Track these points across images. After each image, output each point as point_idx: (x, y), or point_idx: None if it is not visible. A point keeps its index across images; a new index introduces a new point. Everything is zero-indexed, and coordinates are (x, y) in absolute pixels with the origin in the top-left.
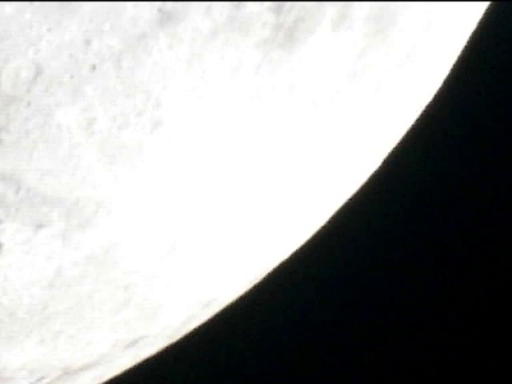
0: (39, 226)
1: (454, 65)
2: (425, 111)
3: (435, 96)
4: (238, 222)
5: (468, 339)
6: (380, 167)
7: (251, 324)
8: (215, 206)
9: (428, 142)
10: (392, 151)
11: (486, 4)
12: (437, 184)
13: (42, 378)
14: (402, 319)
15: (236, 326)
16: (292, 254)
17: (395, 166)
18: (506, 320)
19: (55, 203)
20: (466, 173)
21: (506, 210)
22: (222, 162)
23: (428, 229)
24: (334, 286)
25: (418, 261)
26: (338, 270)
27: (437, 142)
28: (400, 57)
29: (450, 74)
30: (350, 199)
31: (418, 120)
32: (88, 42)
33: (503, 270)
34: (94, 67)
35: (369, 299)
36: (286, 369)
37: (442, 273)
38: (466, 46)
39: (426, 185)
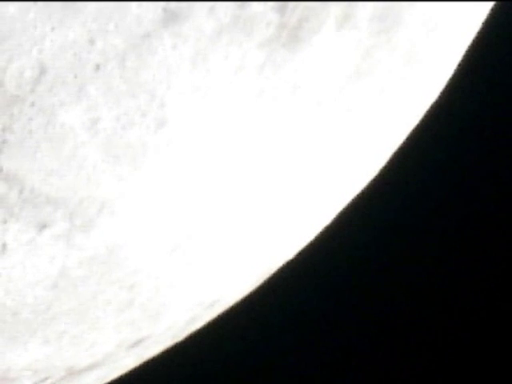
0: (43, 227)
1: (458, 65)
2: (429, 111)
3: (439, 96)
4: (242, 222)
5: (471, 341)
6: (384, 167)
7: (255, 324)
8: (219, 206)
9: (432, 142)
10: (396, 151)
11: (491, 4)
12: (441, 183)
13: (46, 378)
14: (408, 319)
15: (240, 327)
16: (296, 254)
17: (399, 166)
18: (508, 321)
19: (59, 203)
20: (471, 172)
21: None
22: (225, 162)
23: (433, 229)
24: (338, 286)
25: (424, 260)
26: (343, 269)
27: (441, 142)
28: (404, 57)
29: (454, 74)
30: (355, 199)
31: (422, 120)
32: (92, 42)
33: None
34: (97, 67)
35: (374, 299)
36: (290, 369)
37: (446, 274)
38: (470, 46)
39: (431, 184)
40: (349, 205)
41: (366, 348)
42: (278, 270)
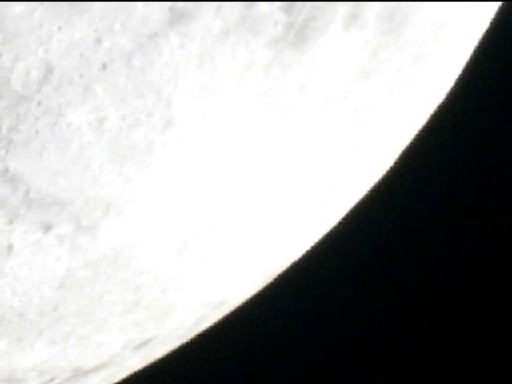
0: (49, 227)
1: (466, 64)
2: (437, 111)
3: (447, 96)
4: (249, 223)
5: (474, 346)
6: (392, 167)
7: (262, 325)
8: (226, 206)
9: (439, 142)
10: (404, 151)
11: (498, 4)
12: (448, 184)
13: (52, 379)
14: (415, 320)
15: (247, 327)
16: (303, 255)
17: (406, 166)
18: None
19: (65, 204)
20: (479, 173)
21: None
22: (232, 162)
23: (441, 230)
24: (346, 286)
25: (429, 261)
26: (350, 270)
27: (449, 142)
28: (412, 56)
29: (461, 74)
30: (362, 199)
31: (429, 120)
32: (98, 41)
33: None
34: (104, 66)
35: (383, 298)
36: (297, 368)
37: (450, 278)
38: (478, 46)
39: (438, 185)
40: (356, 205)
41: (373, 347)
42: (285, 270)
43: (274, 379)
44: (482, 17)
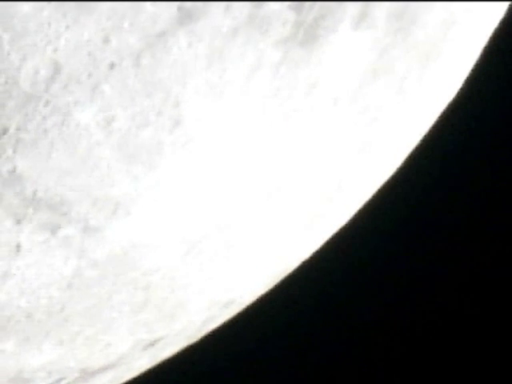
0: (57, 227)
1: (475, 64)
2: (446, 110)
3: (456, 95)
4: (258, 222)
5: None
6: (401, 166)
7: (271, 325)
8: (234, 206)
9: (449, 142)
10: (413, 150)
11: (508, 3)
12: (457, 184)
13: (61, 379)
14: (420, 322)
15: (255, 327)
16: (312, 255)
17: (416, 166)
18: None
19: (73, 204)
20: (489, 173)
21: None
22: (241, 162)
23: (447, 230)
24: (355, 286)
25: (434, 263)
26: (360, 269)
27: (458, 142)
28: (421, 55)
29: (471, 73)
30: (371, 199)
31: (438, 119)
32: (107, 40)
33: None
34: (112, 65)
35: (394, 299)
36: (305, 368)
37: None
38: (487, 45)
39: (447, 185)
40: (365, 204)
41: (381, 347)
42: (293, 270)
43: (281, 379)
44: (492, 16)
